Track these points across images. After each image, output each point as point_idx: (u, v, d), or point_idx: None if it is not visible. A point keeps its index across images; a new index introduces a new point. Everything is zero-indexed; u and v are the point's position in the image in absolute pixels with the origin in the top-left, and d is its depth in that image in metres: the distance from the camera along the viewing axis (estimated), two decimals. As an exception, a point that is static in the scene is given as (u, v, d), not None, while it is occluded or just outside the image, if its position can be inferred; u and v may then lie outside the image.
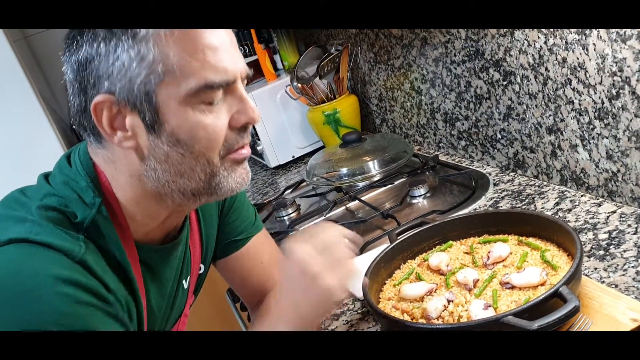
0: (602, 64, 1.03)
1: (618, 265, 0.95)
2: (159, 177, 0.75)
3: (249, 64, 0.82)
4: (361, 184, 1.63)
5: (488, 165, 1.52)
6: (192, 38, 0.71)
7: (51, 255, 0.68)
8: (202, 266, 1.00)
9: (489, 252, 0.96)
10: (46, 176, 0.81)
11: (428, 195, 1.48)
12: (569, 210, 1.17)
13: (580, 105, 1.12)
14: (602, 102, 1.07)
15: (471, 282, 0.91)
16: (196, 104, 0.72)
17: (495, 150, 1.46)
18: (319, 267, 0.79)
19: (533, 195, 1.28)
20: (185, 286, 0.95)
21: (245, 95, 0.77)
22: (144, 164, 0.75)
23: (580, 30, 1.05)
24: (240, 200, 1.06)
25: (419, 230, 1.07)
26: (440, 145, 1.72)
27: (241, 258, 1.05)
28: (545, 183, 1.32)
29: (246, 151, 0.79)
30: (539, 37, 1.15)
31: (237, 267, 1.05)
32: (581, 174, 1.20)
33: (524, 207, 1.25)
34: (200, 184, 0.76)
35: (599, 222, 1.09)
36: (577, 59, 1.08)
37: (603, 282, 0.92)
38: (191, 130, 0.73)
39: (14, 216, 0.74)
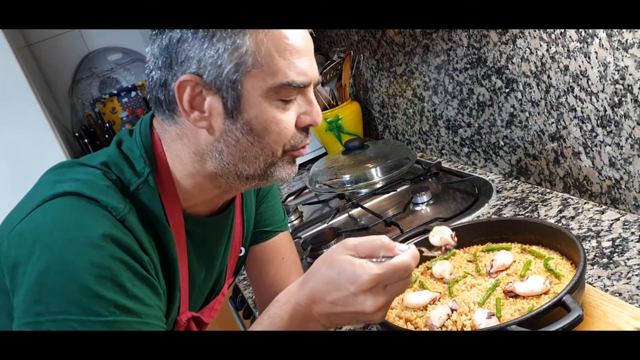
0: (604, 72, 1.03)
1: (622, 273, 0.95)
2: (223, 159, 0.81)
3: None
4: (364, 191, 1.63)
5: (491, 172, 1.52)
6: (283, 38, 0.77)
7: (96, 210, 0.74)
8: (242, 249, 1.04)
9: (492, 261, 0.96)
10: (118, 141, 0.86)
11: (431, 202, 1.48)
12: (572, 217, 1.17)
13: (582, 112, 1.12)
14: (605, 110, 1.07)
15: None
16: (274, 100, 0.78)
17: (498, 157, 1.46)
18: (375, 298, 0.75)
19: (536, 203, 1.28)
20: (225, 264, 1.00)
21: (314, 99, 0.83)
22: (212, 144, 0.80)
23: (582, 38, 1.05)
24: (274, 193, 1.10)
25: (421, 238, 1.07)
26: (442, 152, 1.72)
27: (265, 249, 1.08)
28: (548, 190, 1.32)
29: (304, 151, 0.86)
30: (540, 45, 1.15)
31: (258, 257, 1.08)
32: (584, 182, 1.20)
33: (527, 214, 1.25)
34: (257, 171, 0.82)
35: (602, 230, 1.09)
36: (579, 66, 1.08)
37: (607, 290, 0.92)
38: (265, 122, 0.78)
39: (69, 178, 0.79)
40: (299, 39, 0.78)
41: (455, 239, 0.90)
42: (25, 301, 0.70)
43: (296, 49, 0.78)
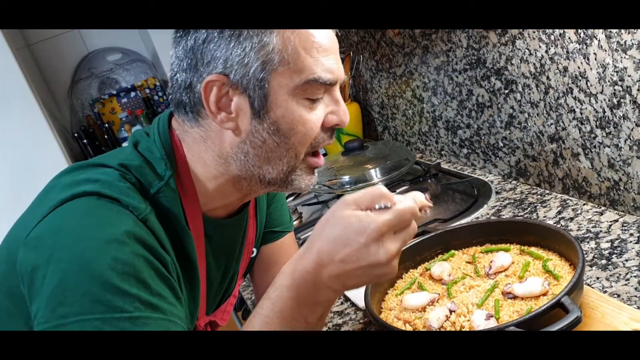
0: (603, 73, 1.03)
1: (620, 274, 0.95)
2: (248, 160, 0.80)
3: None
4: (363, 192, 1.63)
5: (490, 173, 1.52)
6: (310, 36, 0.77)
7: (118, 209, 0.72)
8: (254, 250, 1.04)
9: (491, 262, 0.96)
10: (135, 142, 0.83)
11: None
12: (571, 219, 1.17)
13: (581, 114, 1.12)
14: (604, 111, 1.07)
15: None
16: (301, 99, 0.77)
17: (497, 158, 1.46)
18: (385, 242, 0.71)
19: (535, 204, 1.28)
20: (239, 266, 0.99)
21: (340, 98, 0.82)
22: (237, 146, 0.79)
23: (581, 39, 1.05)
24: (282, 195, 1.10)
25: (421, 239, 1.07)
26: (442, 153, 1.72)
27: (273, 249, 1.08)
28: (547, 191, 1.32)
29: (322, 161, 0.85)
30: (540, 46, 1.16)
31: (265, 257, 1.08)
32: (583, 183, 1.20)
33: (526, 215, 1.25)
34: (280, 175, 0.81)
35: (601, 231, 1.09)
36: (578, 68, 1.08)
37: (605, 292, 0.92)
38: (292, 122, 0.77)
39: (86, 179, 0.77)
40: (325, 38, 0.78)
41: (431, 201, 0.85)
42: (48, 305, 0.67)
43: (323, 47, 0.77)
